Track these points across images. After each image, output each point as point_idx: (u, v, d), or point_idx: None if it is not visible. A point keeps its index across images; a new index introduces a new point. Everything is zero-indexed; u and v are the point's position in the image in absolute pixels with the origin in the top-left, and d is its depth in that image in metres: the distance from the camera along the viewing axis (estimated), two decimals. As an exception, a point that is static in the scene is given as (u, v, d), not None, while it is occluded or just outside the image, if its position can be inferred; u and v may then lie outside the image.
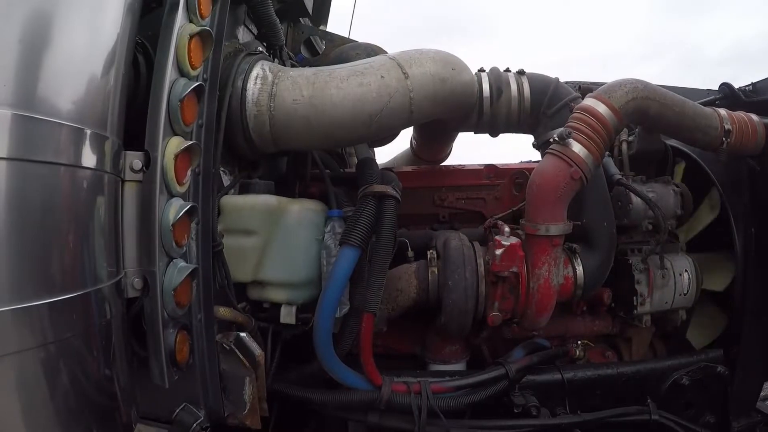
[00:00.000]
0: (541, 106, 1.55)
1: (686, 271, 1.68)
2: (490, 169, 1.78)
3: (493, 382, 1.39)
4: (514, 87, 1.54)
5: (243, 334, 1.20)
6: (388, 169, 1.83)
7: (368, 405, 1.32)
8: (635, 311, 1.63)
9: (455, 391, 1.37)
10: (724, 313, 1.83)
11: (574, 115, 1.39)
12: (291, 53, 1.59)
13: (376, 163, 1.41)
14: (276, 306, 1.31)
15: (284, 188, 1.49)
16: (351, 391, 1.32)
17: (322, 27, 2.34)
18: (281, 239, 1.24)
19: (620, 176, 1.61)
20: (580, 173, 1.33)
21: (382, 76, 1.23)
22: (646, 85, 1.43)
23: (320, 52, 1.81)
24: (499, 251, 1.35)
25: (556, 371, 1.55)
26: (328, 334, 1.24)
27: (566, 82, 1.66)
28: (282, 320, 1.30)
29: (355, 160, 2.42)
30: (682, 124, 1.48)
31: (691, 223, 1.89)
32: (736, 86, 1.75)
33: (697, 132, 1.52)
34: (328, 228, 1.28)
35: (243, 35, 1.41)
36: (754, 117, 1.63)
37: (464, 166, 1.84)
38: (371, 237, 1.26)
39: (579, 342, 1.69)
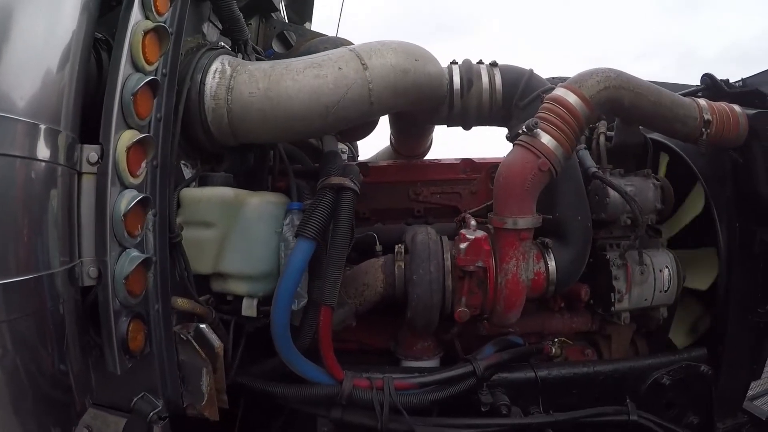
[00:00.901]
0: (513, 98, 1.51)
1: (667, 267, 1.62)
2: (467, 163, 1.74)
3: (460, 379, 1.35)
4: (485, 79, 1.51)
5: (202, 326, 1.20)
6: (364, 163, 1.81)
7: (330, 400, 1.29)
8: (613, 308, 1.57)
9: (420, 388, 1.34)
10: (708, 311, 1.76)
11: (544, 105, 1.35)
12: (259, 48, 1.59)
13: (339, 156, 1.39)
14: (239, 299, 1.30)
15: (252, 182, 1.48)
16: (312, 386, 1.30)
17: (306, 24, 2.33)
18: (240, 231, 1.24)
19: (596, 169, 1.56)
20: (548, 165, 1.28)
21: (339, 68, 1.22)
22: (619, 74, 1.38)
23: None
24: (463, 245, 1.31)
25: (530, 369, 1.50)
26: (285, 327, 1.22)
27: (549, 79, 1.62)
28: (243, 313, 1.29)
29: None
30: (659, 114, 1.43)
31: (675, 219, 1.83)
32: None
33: (675, 122, 1.47)
34: (287, 220, 1.26)
35: (209, 31, 1.41)
36: (736, 108, 1.57)
37: (440, 160, 1.81)
38: (329, 229, 1.24)
39: (556, 339, 1.64)
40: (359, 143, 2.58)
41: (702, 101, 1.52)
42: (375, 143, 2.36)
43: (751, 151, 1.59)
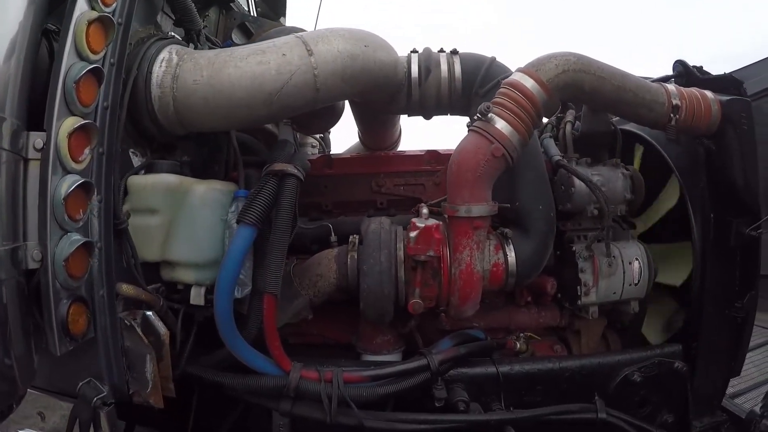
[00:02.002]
0: (473, 86, 1.46)
1: (637, 259, 1.54)
2: (432, 154, 1.70)
3: (413, 373, 1.30)
4: (444, 67, 1.46)
5: (149, 313, 1.20)
6: (327, 155, 1.78)
7: (278, 391, 1.26)
8: (579, 302, 1.50)
9: (372, 381, 1.29)
10: (683, 306, 1.67)
11: (500, 90, 1.30)
12: (215, 39, 1.57)
13: (290, 144, 1.36)
14: (189, 287, 1.28)
15: (208, 171, 1.47)
16: (260, 377, 1.26)
17: (282, 19, 2.33)
18: (186, 219, 1.22)
19: (560, 158, 1.50)
20: (502, 150, 1.23)
21: (283, 54, 1.19)
22: (579, 58, 1.32)
23: None
24: (413, 234, 1.27)
25: (491, 364, 1.44)
26: (227, 314, 1.19)
27: None
28: (191, 301, 1.27)
29: (309, 149, 2.40)
30: (623, 99, 1.36)
31: (650, 212, 1.75)
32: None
33: (641, 108, 1.40)
34: (233, 208, 1.24)
35: (163, 22, 1.40)
36: (708, 94, 1.49)
37: (405, 151, 1.77)
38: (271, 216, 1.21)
39: (521, 334, 1.58)
40: (333, 139, 2.56)
41: (671, 86, 1.45)
42: (350, 139, 2.33)
43: (725, 139, 1.51)
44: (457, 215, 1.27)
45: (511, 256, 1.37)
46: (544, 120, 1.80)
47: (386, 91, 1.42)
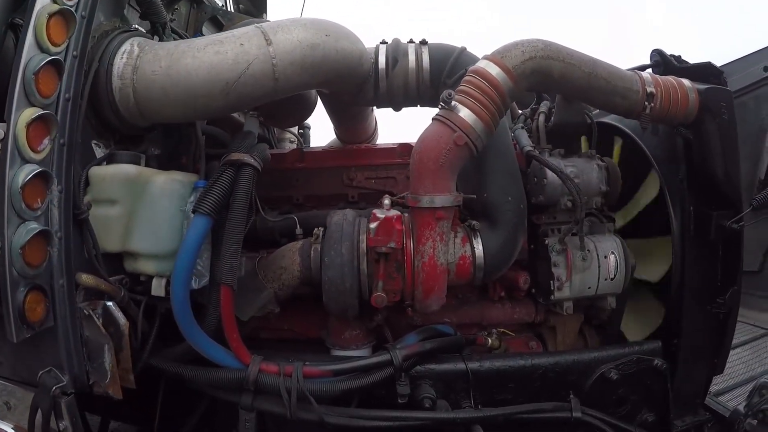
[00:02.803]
0: (441, 76, 1.43)
1: (613, 253, 1.48)
2: (404, 147, 1.66)
3: (375, 368, 1.26)
4: (412, 57, 1.43)
5: (109, 303, 1.19)
6: (299, 149, 1.76)
7: (237, 384, 1.23)
8: (552, 296, 1.45)
9: (334, 376, 1.26)
10: (664, 302, 1.61)
11: (465, 78, 1.26)
12: (182, 32, 1.57)
13: (252, 135, 1.34)
14: (151, 278, 1.27)
15: (175, 163, 1.46)
16: (220, 369, 1.24)
17: (264, 16, 2.32)
18: (146, 209, 1.22)
19: (531, 148, 1.45)
20: (465, 139, 1.19)
21: (241, 44, 1.18)
22: (548, 45, 1.28)
23: None
24: (374, 225, 1.23)
25: (460, 361, 1.40)
26: (183, 305, 1.17)
27: None
28: (153, 292, 1.25)
29: (287, 144, 2.39)
30: (594, 87, 1.31)
31: (629, 206, 1.70)
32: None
33: (614, 96, 1.35)
34: (192, 198, 1.22)
35: (130, 15, 1.40)
36: (685, 82, 1.44)
37: (377, 145, 1.74)
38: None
39: (494, 330, 1.54)
40: (314, 136, 2.54)
41: (645, 74, 1.40)
42: (332, 135, 2.30)
43: (703, 129, 1.45)
44: (418, 206, 1.23)
45: (479, 249, 1.33)
46: (519, 111, 1.76)
47: (352, 81, 1.40)
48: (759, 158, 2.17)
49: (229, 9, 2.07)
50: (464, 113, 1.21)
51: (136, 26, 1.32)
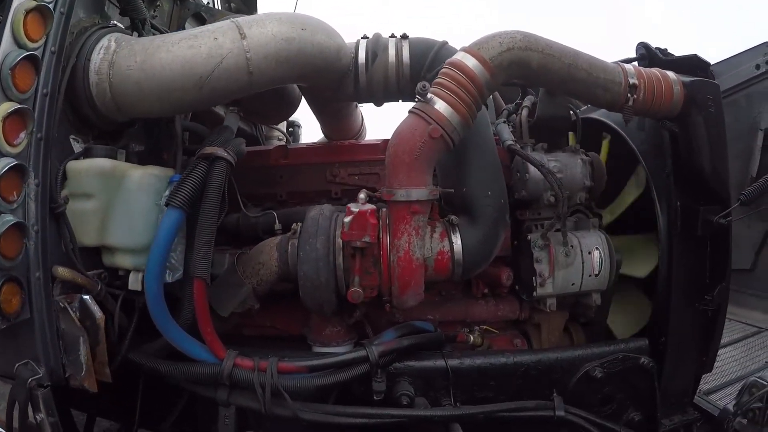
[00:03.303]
0: (422, 70, 1.41)
1: (597, 248, 1.45)
2: (388, 143, 1.65)
3: (351, 364, 1.24)
4: (392, 51, 1.42)
5: (86, 297, 1.19)
6: (283, 146, 1.75)
7: (212, 379, 1.22)
8: (535, 293, 1.43)
9: (308, 371, 1.24)
10: (651, 299, 1.57)
11: (442, 70, 1.24)
12: (163, 28, 1.57)
13: (229, 130, 1.33)
14: (129, 273, 1.27)
15: (156, 159, 1.45)
16: (195, 364, 1.23)
17: (255, 13, 2.32)
18: (122, 204, 1.22)
19: (512, 142, 1.43)
20: (440, 131, 1.17)
21: (215, 38, 1.17)
22: (526, 36, 1.25)
23: None
24: (347, 219, 1.22)
25: (440, 358, 1.37)
26: (158, 299, 1.17)
27: None
28: (130, 287, 1.26)
29: (275, 141, 2.38)
30: (575, 78, 1.28)
31: (617, 202, 1.66)
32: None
33: (595, 88, 1.32)
34: (167, 192, 1.22)
35: (111, 11, 1.40)
36: (670, 74, 1.40)
37: (360, 141, 1.73)
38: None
39: (476, 327, 1.51)
40: (305, 134, 2.53)
41: (629, 66, 1.37)
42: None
43: (689, 122, 1.42)
44: (393, 199, 1.21)
45: (457, 244, 1.31)
46: (504, 106, 1.74)
47: (331, 76, 1.38)
48: (751, 156, 2.13)
49: (217, 7, 2.07)
50: (440, 105, 1.19)
51: (115, 22, 1.32)
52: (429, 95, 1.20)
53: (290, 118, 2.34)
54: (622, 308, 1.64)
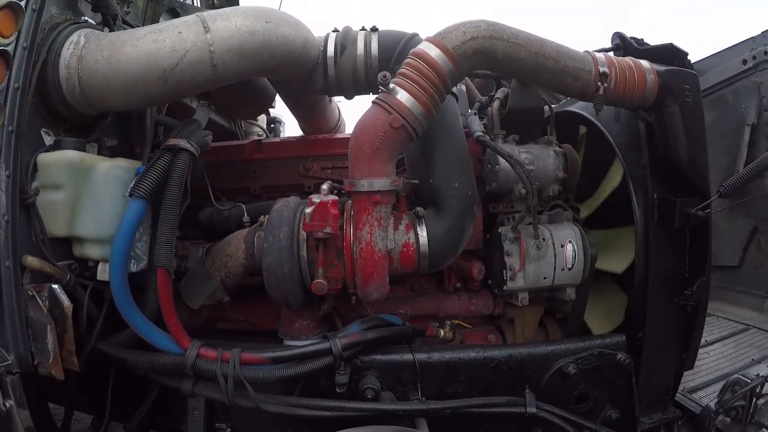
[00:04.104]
0: (390, 63, 1.41)
1: (570, 241, 1.43)
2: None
3: (314, 356, 1.24)
4: (360, 44, 1.43)
5: (55, 286, 1.22)
6: (258, 140, 1.75)
7: (176, 369, 1.23)
8: (505, 286, 1.41)
9: (272, 363, 1.24)
10: (630, 295, 1.53)
11: (406, 61, 1.24)
12: (135, 24, 1.59)
13: (196, 123, 1.35)
14: (98, 264, 1.29)
15: (130, 153, 1.48)
16: (160, 354, 1.25)
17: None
18: (90, 195, 1.25)
19: (481, 133, 1.42)
20: (401, 121, 1.17)
21: (179, 32, 1.20)
22: (491, 24, 1.24)
23: None
24: (309, 209, 1.22)
25: (408, 352, 1.36)
26: (122, 289, 1.19)
27: None
28: (98, 277, 1.28)
29: (255, 137, 2.39)
30: (542, 67, 1.26)
31: (595, 196, 1.63)
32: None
33: (564, 76, 1.30)
34: (133, 183, 1.24)
35: (84, 7, 1.44)
36: (643, 63, 1.38)
37: (334, 135, 1.73)
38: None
39: (448, 322, 1.49)
40: (292, 131, 2.54)
41: (600, 54, 1.35)
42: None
43: (665, 111, 1.39)
44: (355, 190, 1.22)
45: (423, 236, 1.30)
46: (479, 97, 1.72)
47: (298, 69, 1.39)
48: (738, 152, 2.08)
49: (198, 5, 2.09)
50: (401, 96, 1.19)
51: (86, 18, 1.35)
52: (391, 85, 1.21)
53: (272, 114, 2.37)
54: (600, 304, 1.61)
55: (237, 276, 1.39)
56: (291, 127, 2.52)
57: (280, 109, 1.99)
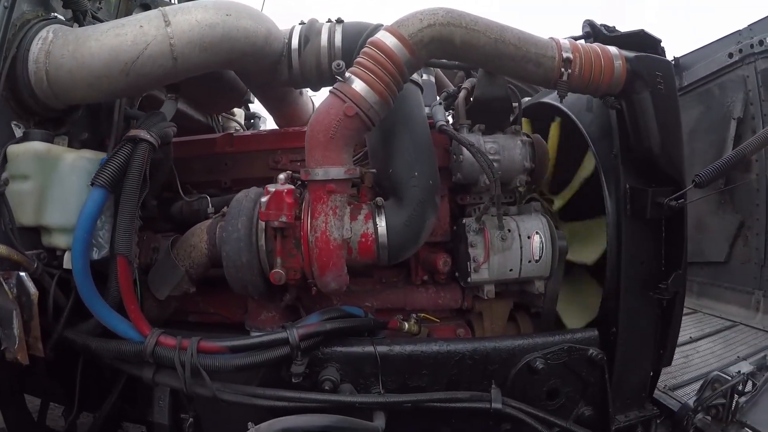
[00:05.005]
0: (353, 54, 1.42)
1: (537, 232, 1.40)
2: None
3: (271, 346, 1.25)
4: (324, 36, 1.45)
5: (22, 274, 1.27)
6: (229, 134, 1.78)
7: (136, 356, 1.26)
8: (469, 279, 1.39)
9: (230, 352, 1.25)
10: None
11: (363, 50, 1.26)
12: (105, 19, 1.64)
13: (160, 115, 1.39)
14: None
15: (101, 145, 1.53)
16: (121, 341, 1.28)
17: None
18: (56, 185, 1.30)
19: (443, 122, 1.41)
20: (355, 109, 1.18)
21: (141, 26, 1.25)
22: (449, 11, 1.24)
23: None
24: (264, 198, 1.24)
25: (369, 344, 1.36)
26: (84, 276, 1.23)
27: None
28: (64, 266, 1.32)
29: (233, 126, 2.43)
30: (503, 53, 1.26)
31: (569, 187, 1.61)
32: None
33: (526, 63, 1.28)
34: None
35: (56, 4, 1.50)
36: (611, 49, 1.36)
37: (304, 128, 1.74)
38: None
39: (414, 315, 1.48)
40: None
41: (564, 40, 1.34)
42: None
43: (634, 99, 1.36)
44: (310, 179, 1.23)
45: (382, 226, 1.30)
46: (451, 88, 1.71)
47: (261, 61, 1.42)
48: (724, 146, 2.02)
49: (172, 1, 2.13)
50: (357, 84, 1.20)
51: (56, 14, 1.41)
52: (348, 75, 1.22)
53: (252, 110, 2.41)
54: (575, 298, 1.58)
55: (201, 266, 1.42)
56: (272, 123, 2.55)
57: (260, 105, 2.02)
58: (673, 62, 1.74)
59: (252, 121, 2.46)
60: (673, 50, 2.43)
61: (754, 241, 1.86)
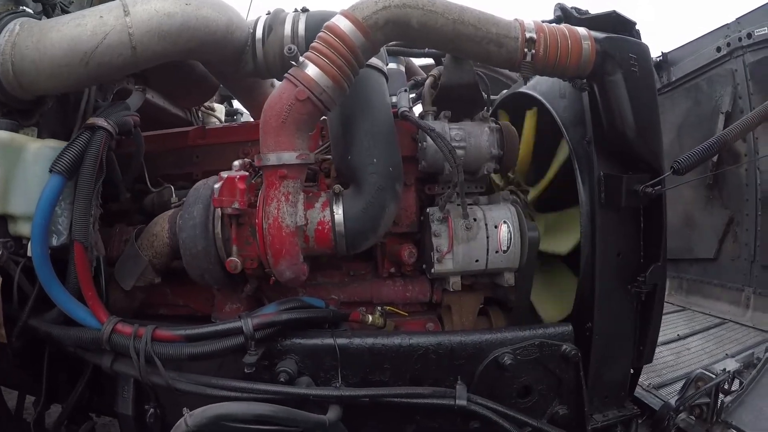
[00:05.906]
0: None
1: (505, 222, 1.36)
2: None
3: (225, 335, 1.24)
4: (288, 25, 1.45)
5: None
6: (202, 126, 1.80)
7: (94, 344, 1.27)
8: (433, 269, 1.35)
9: (185, 340, 1.25)
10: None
11: (319, 35, 1.25)
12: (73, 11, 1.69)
13: (122, 105, 1.42)
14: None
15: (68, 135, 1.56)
16: (80, 329, 1.30)
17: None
18: (20, 174, 1.34)
19: (406, 109, 1.38)
20: (306, 93, 1.17)
21: (100, 16, 1.28)
22: None
23: None
24: (218, 185, 1.24)
25: (329, 336, 1.33)
26: (43, 262, 1.25)
27: None
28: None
29: (213, 122, 2.46)
30: (463, 34, 1.23)
31: (544, 179, 1.55)
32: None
33: (487, 44, 1.25)
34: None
35: (29, -1, 1.56)
36: (579, 30, 1.31)
37: None
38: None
39: (378, 308, 1.45)
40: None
41: (529, 20, 1.30)
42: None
43: (605, 81, 1.31)
44: (263, 164, 1.23)
45: (339, 213, 1.28)
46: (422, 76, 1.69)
47: (223, 51, 1.44)
48: None
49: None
50: (310, 69, 1.20)
51: (24, 8, 1.46)
52: (302, 59, 1.21)
53: (234, 106, 2.45)
54: (552, 291, 1.51)
55: (164, 256, 1.43)
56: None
57: (243, 101, 2.04)
58: (660, 58, 1.69)
59: (234, 117, 2.49)
60: (672, 49, 2.37)
61: (743, 237, 1.77)
